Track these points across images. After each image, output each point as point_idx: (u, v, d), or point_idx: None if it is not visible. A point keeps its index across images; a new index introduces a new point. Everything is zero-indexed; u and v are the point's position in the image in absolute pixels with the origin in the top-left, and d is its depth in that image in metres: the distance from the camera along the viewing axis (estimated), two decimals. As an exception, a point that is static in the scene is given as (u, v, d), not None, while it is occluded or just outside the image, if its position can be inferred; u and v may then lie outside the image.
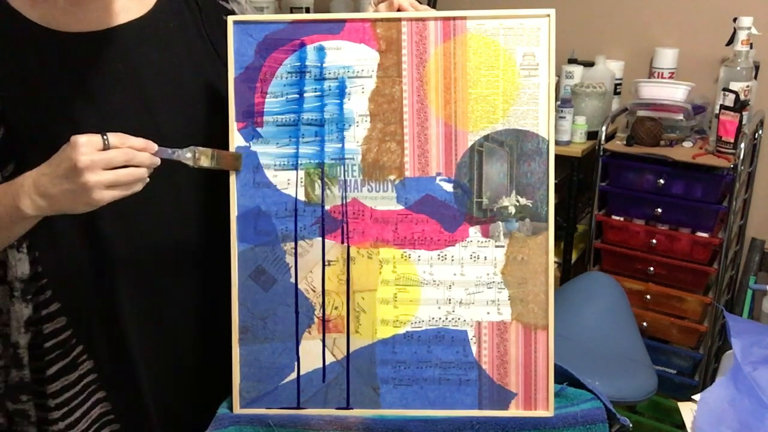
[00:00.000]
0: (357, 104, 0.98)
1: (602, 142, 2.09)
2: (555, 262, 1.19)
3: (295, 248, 0.99)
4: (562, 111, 2.17)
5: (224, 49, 0.98)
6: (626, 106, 2.16)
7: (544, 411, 0.98)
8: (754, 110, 2.14)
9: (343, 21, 0.98)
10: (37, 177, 0.82)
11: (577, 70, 2.34)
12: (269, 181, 0.99)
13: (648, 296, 2.13)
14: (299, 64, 0.98)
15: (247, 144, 0.99)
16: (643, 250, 2.11)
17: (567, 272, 2.30)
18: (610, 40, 2.47)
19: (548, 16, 0.97)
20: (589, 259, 2.23)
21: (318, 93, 0.98)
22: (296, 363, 0.99)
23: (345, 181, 0.98)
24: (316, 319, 0.99)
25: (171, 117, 0.97)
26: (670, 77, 2.27)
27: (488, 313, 0.98)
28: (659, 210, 2.06)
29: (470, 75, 0.97)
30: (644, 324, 2.13)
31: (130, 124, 0.88)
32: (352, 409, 0.99)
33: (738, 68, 1.99)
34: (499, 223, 0.98)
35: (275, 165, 0.99)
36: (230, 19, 0.98)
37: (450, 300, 0.99)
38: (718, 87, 2.04)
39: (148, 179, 0.85)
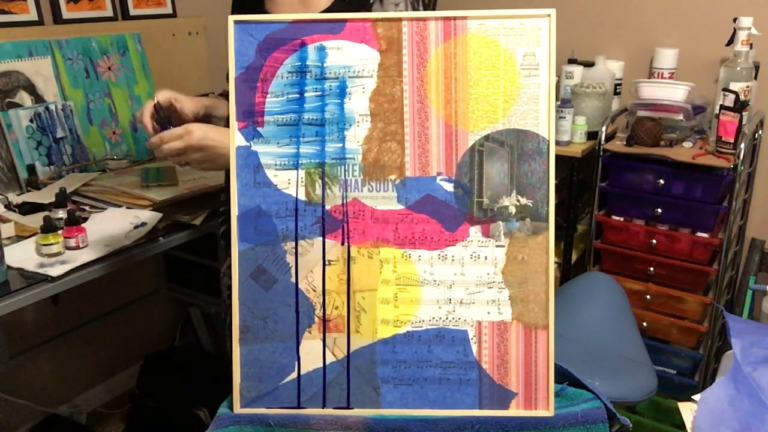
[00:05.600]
0: (358, 104, 0.98)
1: (602, 142, 2.09)
2: (555, 262, 1.18)
3: (296, 248, 0.99)
4: (562, 111, 2.17)
5: None
6: (626, 106, 2.16)
7: (545, 411, 0.98)
8: (754, 110, 2.14)
9: (344, 21, 0.98)
10: None
11: (577, 70, 2.35)
12: (270, 180, 0.99)
13: (648, 296, 2.13)
14: (300, 63, 0.98)
15: (248, 144, 0.99)
16: (643, 250, 2.11)
17: (567, 272, 2.30)
18: (610, 40, 2.47)
19: (549, 16, 0.97)
20: (589, 259, 2.24)
21: (319, 93, 0.98)
22: (296, 362, 0.99)
23: (345, 180, 0.98)
24: (316, 319, 0.99)
25: None
26: (670, 77, 2.27)
27: (489, 312, 0.98)
28: (659, 210, 2.06)
29: (471, 75, 0.97)
30: (644, 324, 2.13)
31: None
32: (352, 408, 0.99)
33: (738, 68, 1.99)
34: (500, 222, 0.98)
35: (276, 165, 0.99)
36: (231, 18, 0.98)
37: (450, 300, 0.99)
38: (718, 87, 2.04)
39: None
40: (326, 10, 1.21)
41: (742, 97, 1.95)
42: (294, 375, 0.99)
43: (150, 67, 2.22)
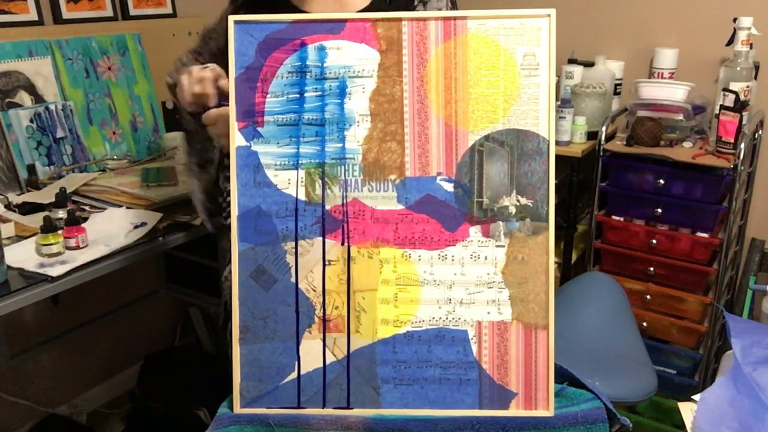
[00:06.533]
0: (358, 104, 0.98)
1: (602, 142, 2.09)
2: (555, 262, 1.17)
3: (296, 248, 0.99)
4: (562, 111, 2.17)
5: None
6: (626, 106, 2.16)
7: (545, 411, 0.98)
8: (754, 110, 2.14)
9: (344, 21, 0.98)
10: None
11: (577, 70, 2.34)
12: (270, 180, 0.99)
13: (648, 296, 2.13)
14: (300, 63, 0.98)
15: (248, 143, 0.99)
16: (643, 250, 2.11)
17: (567, 272, 2.30)
18: (610, 40, 2.47)
19: (549, 16, 0.97)
20: (589, 259, 2.23)
21: (319, 93, 0.98)
22: (296, 362, 0.99)
23: (345, 180, 0.98)
24: (316, 319, 0.99)
25: None
26: (670, 77, 2.27)
27: (489, 312, 0.98)
28: (659, 210, 2.06)
29: (471, 75, 0.97)
30: (644, 324, 2.13)
31: None
32: (352, 408, 0.99)
33: (738, 68, 1.99)
34: (500, 222, 0.98)
35: (276, 165, 0.99)
36: (231, 18, 0.98)
37: (450, 300, 0.99)
38: (718, 87, 2.04)
39: None
40: (365, 11, 1.21)
41: (742, 97, 1.95)
42: (294, 375, 0.99)
43: (150, 67, 2.21)
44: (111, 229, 1.55)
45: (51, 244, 1.41)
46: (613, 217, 2.15)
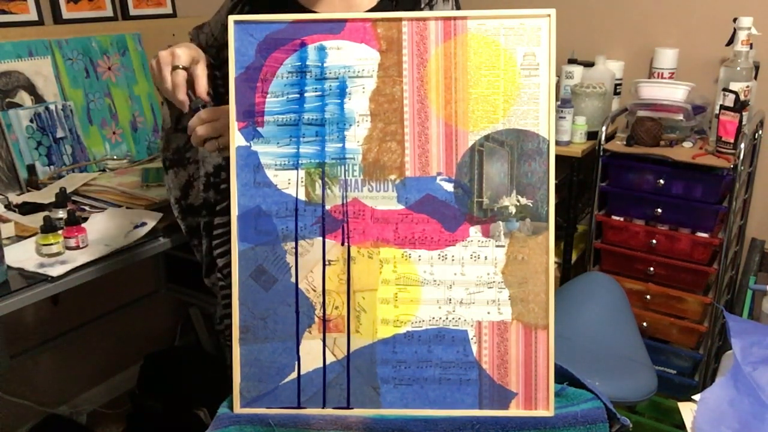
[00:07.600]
0: (358, 104, 0.98)
1: (602, 142, 2.09)
2: (555, 262, 1.17)
3: (296, 248, 0.99)
4: (562, 111, 2.17)
5: None
6: (626, 106, 2.16)
7: (545, 411, 0.98)
8: (754, 110, 2.14)
9: (344, 21, 0.98)
10: None
11: (577, 70, 2.35)
12: (270, 180, 0.99)
13: (648, 296, 2.13)
14: (300, 63, 0.98)
15: (248, 144, 0.99)
16: (643, 250, 2.11)
17: (567, 272, 2.30)
18: (610, 40, 2.47)
19: (549, 16, 0.97)
20: (589, 259, 2.23)
21: (319, 93, 0.98)
22: (296, 362, 0.99)
23: (345, 180, 0.98)
24: (316, 319, 0.99)
25: None
26: (670, 77, 2.27)
27: (489, 312, 0.98)
28: (659, 210, 2.06)
29: (471, 75, 0.97)
30: (644, 324, 2.13)
31: None
32: (352, 408, 0.99)
33: (738, 68, 1.99)
34: (500, 222, 0.98)
35: (276, 165, 0.99)
36: (231, 18, 0.98)
37: (450, 300, 0.99)
38: (718, 87, 2.04)
39: None
40: (371, 11, 1.21)
41: (742, 97, 1.95)
42: (294, 375, 0.99)
43: (150, 67, 2.22)
44: (111, 229, 1.55)
45: (51, 244, 1.41)
46: (613, 217, 2.15)
